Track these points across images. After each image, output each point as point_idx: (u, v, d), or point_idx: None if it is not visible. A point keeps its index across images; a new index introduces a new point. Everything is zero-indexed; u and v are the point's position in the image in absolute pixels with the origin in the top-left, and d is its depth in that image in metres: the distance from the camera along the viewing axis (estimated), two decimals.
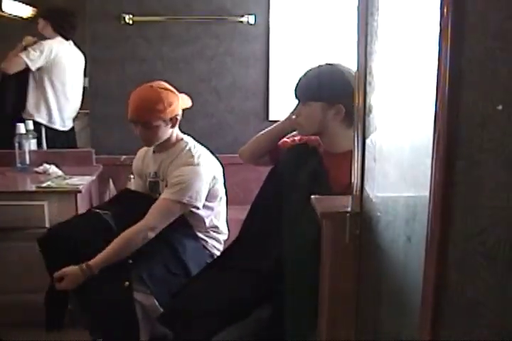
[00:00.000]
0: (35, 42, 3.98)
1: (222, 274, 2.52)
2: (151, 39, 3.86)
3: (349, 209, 1.76)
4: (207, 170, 2.91)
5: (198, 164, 2.89)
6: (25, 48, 3.95)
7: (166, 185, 2.93)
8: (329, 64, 2.39)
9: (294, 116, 2.43)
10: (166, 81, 2.95)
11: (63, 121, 4.14)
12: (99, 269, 2.74)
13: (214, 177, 2.95)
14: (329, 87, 2.30)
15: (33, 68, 3.96)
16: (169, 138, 2.96)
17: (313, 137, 2.45)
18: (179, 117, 2.91)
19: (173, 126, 2.91)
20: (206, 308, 2.37)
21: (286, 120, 2.55)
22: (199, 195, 2.85)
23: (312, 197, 1.97)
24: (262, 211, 2.50)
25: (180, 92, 2.94)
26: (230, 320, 2.33)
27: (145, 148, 3.10)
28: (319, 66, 2.39)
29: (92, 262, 2.74)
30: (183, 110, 2.95)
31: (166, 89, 2.89)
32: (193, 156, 2.91)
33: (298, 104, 2.41)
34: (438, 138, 1.11)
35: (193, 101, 3.73)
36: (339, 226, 1.75)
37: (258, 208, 2.53)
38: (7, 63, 3.94)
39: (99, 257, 2.76)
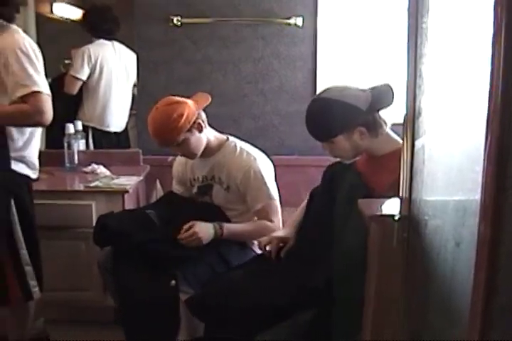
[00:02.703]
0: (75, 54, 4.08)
1: (265, 273, 2.53)
2: (198, 41, 3.88)
3: (397, 212, 1.74)
4: (267, 162, 3.02)
5: (256, 159, 2.97)
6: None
7: (227, 188, 2.99)
8: (318, 98, 2.38)
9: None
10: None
11: (116, 122, 4.20)
12: (226, 236, 2.85)
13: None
14: (335, 120, 2.29)
15: (84, 78, 4.06)
16: (209, 142, 2.99)
17: None
18: (201, 120, 2.93)
19: (200, 131, 2.93)
20: (245, 307, 2.36)
21: None
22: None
23: (359, 200, 1.96)
24: (310, 223, 2.55)
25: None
26: (269, 321, 2.32)
27: None
28: (313, 102, 2.38)
29: (226, 226, 2.85)
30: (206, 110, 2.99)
31: (170, 104, 2.89)
32: (249, 153, 2.98)
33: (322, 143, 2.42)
34: (490, 143, 1.09)
35: (239, 103, 3.76)
36: (387, 229, 1.73)
37: (307, 219, 2.59)
38: (66, 87, 4.08)
39: (233, 226, 2.90)
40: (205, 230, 2.81)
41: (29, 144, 2.80)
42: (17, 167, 2.77)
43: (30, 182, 2.88)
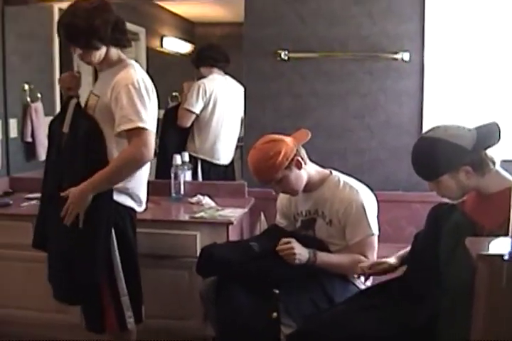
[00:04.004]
0: (189, 88, 4.18)
1: (368, 310, 2.50)
2: (305, 75, 3.92)
3: (506, 251, 1.69)
4: (370, 196, 3.01)
5: (359, 192, 2.97)
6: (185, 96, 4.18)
7: (330, 222, 2.98)
8: (424, 137, 2.38)
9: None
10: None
11: (224, 155, 4.28)
12: (319, 264, 2.84)
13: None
14: (440, 159, 2.28)
15: (198, 112, 4.17)
16: (311, 178, 3.01)
17: None
18: (300, 157, 2.95)
19: (299, 168, 2.94)
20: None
21: None
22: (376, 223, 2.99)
23: (467, 238, 1.93)
24: (415, 262, 2.53)
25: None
26: None
27: None
28: (419, 142, 2.38)
29: (319, 254, 2.86)
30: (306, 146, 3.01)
31: (268, 142, 2.95)
32: (352, 187, 2.99)
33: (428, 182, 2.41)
34: None
35: (345, 138, 3.75)
36: (495, 269, 1.68)
37: (412, 259, 2.57)
38: (179, 120, 4.21)
39: (327, 256, 2.90)
40: (301, 250, 2.81)
41: (133, 177, 2.85)
42: (120, 198, 2.84)
43: (133, 214, 2.94)
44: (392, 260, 2.69)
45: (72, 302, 3.05)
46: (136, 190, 2.91)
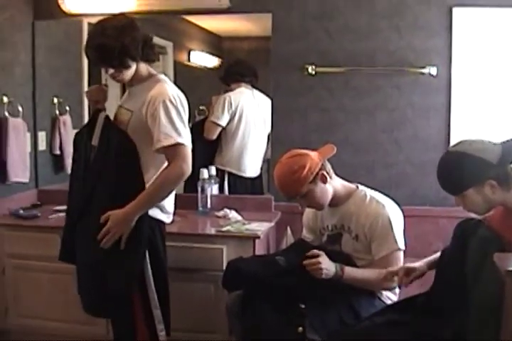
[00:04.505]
0: (216, 101, 4.21)
1: (395, 326, 2.48)
2: (332, 89, 3.92)
3: None
4: (397, 210, 2.98)
5: (385, 207, 2.95)
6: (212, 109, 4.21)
7: (356, 237, 2.97)
8: (449, 151, 2.38)
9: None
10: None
11: (251, 168, 4.28)
12: (346, 278, 2.81)
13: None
14: (465, 173, 2.29)
15: (224, 124, 4.19)
16: (337, 192, 3.00)
17: None
18: (325, 171, 2.95)
19: (324, 182, 2.94)
20: None
21: None
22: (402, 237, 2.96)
23: (495, 254, 1.93)
24: (442, 279, 2.51)
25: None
26: None
27: None
28: (444, 156, 2.38)
29: (346, 268, 2.83)
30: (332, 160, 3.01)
31: (292, 156, 2.96)
32: (378, 202, 2.98)
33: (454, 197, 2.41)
34: None
35: (373, 152, 3.75)
36: None
37: (438, 275, 2.54)
38: (206, 132, 4.23)
39: (354, 271, 2.87)
40: (328, 264, 2.79)
41: None
42: (152, 212, 2.84)
43: (162, 226, 2.95)
44: (420, 265, 2.67)
45: (104, 315, 3.06)
46: (165, 202, 2.91)
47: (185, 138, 2.76)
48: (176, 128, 2.73)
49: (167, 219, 2.97)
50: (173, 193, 2.95)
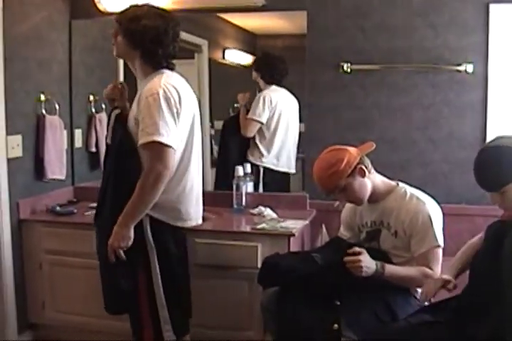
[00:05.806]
0: (248, 98, 4.22)
1: (431, 326, 2.48)
2: (367, 87, 3.92)
3: None
4: (437, 208, 2.98)
5: (426, 204, 2.94)
6: (245, 106, 4.21)
7: (395, 233, 2.96)
8: (487, 147, 2.36)
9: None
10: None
11: (287, 164, 4.26)
12: (386, 276, 2.78)
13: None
14: (506, 167, 2.25)
15: (264, 121, 4.18)
16: (376, 188, 3.00)
17: None
18: (363, 165, 2.95)
19: (363, 176, 2.94)
20: None
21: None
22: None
23: None
24: (475, 280, 2.50)
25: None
26: None
27: None
28: (481, 152, 2.35)
29: (387, 266, 2.80)
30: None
31: (331, 151, 2.97)
32: (418, 198, 2.97)
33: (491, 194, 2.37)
34: None
35: (408, 150, 3.73)
36: None
37: (472, 277, 2.54)
38: (244, 130, 4.21)
39: (394, 269, 2.83)
40: (368, 262, 2.76)
41: (168, 191, 2.80)
42: (155, 214, 2.83)
43: (178, 230, 2.95)
44: (450, 277, 2.65)
45: (115, 311, 3.05)
46: (174, 204, 2.88)
47: (166, 137, 2.67)
48: (154, 124, 2.66)
49: (180, 222, 2.94)
50: (190, 195, 2.94)
